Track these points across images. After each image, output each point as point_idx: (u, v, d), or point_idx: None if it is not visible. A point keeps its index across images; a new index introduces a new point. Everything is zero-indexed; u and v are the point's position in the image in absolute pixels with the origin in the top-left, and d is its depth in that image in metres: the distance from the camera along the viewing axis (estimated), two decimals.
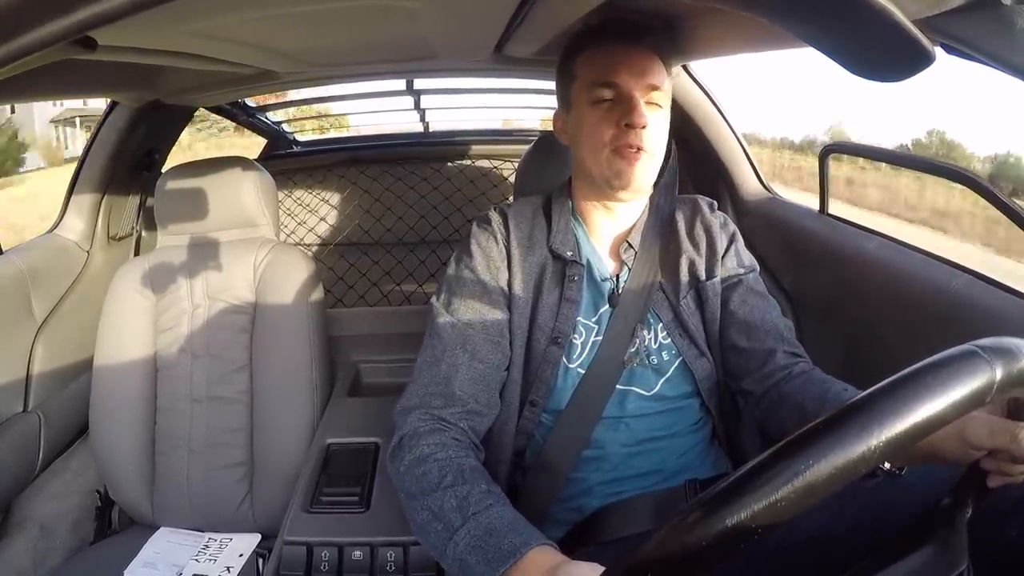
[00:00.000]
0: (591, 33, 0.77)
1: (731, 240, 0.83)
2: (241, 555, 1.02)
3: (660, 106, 0.76)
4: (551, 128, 0.88)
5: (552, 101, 1.75)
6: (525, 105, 2.02)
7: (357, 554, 0.75)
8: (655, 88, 0.74)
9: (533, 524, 0.58)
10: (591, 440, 0.77)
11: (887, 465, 0.47)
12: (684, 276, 0.80)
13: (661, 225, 0.82)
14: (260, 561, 1.01)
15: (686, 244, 0.82)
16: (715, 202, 0.88)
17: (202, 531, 1.08)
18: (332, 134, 2.47)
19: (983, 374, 0.32)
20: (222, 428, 1.09)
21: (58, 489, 1.12)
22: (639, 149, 0.73)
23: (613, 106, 0.74)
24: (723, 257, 0.81)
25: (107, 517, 1.16)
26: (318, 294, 1.15)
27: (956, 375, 0.32)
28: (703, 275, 0.81)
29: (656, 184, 0.80)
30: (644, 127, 0.72)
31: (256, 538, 1.06)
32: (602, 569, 0.44)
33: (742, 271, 0.82)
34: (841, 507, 0.62)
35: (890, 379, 0.32)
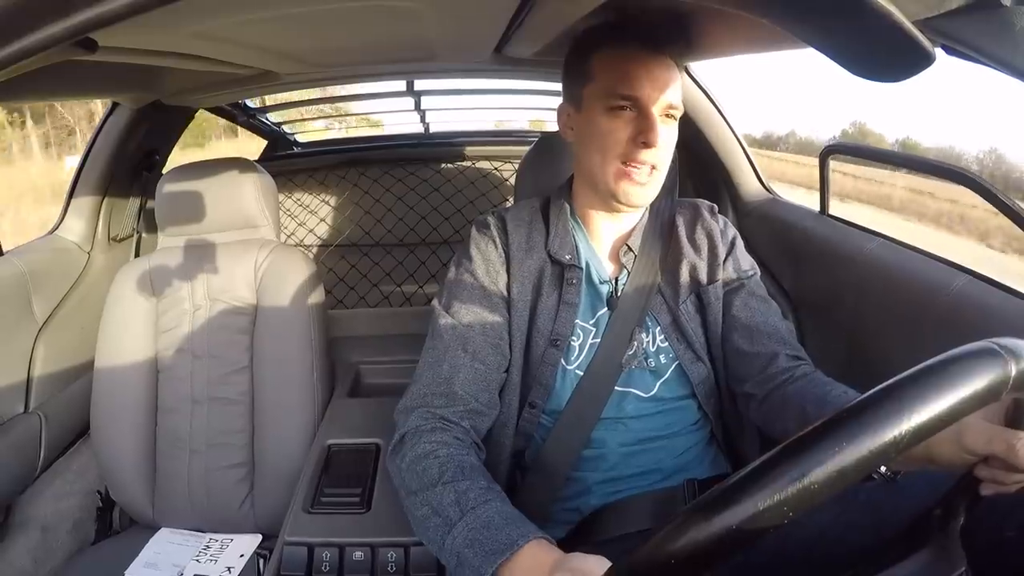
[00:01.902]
0: (609, 31, 0.75)
1: (732, 244, 0.83)
2: (242, 555, 1.02)
3: (675, 119, 0.75)
4: (542, 128, 0.88)
5: (551, 102, 1.77)
6: (525, 106, 2.02)
7: (358, 555, 0.75)
8: (674, 106, 0.73)
9: (535, 525, 0.58)
10: (590, 440, 0.77)
11: (883, 469, 0.47)
12: (684, 280, 0.80)
13: (661, 228, 0.82)
14: (261, 561, 1.01)
15: (687, 249, 0.82)
16: (715, 206, 0.88)
17: (203, 531, 1.08)
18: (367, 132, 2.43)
19: (1000, 369, 0.33)
20: (223, 429, 1.09)
21: (59, 490, 1.12)
22: (651, 168, 0.73)
23: (630, 119, 0.72)
24: (724, 261, 0.81)
25: (108, 518, 1.17)
26: (319, 295, 1.15)
27: (975, 369, 0.33)
28: (704, 280, 0.81)
29: None
30: (658, 146, 0.71)
31: (257, 538, 1.06)
32: (608, 563, 0.44)
33: (743, 275, 0.82)
34: (842, 507, 0.62)
35: (915, 368, 0.33)
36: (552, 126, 2.26)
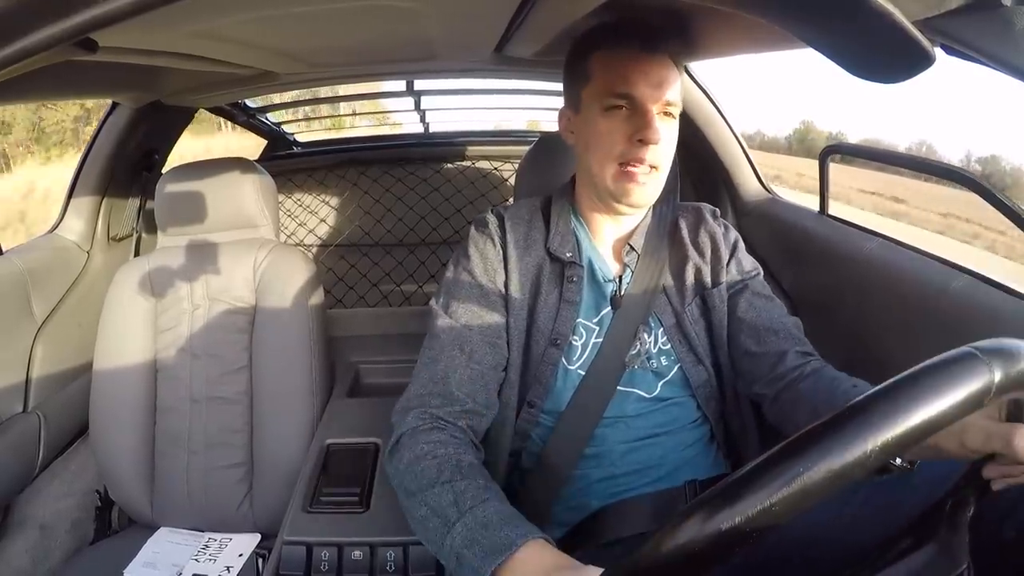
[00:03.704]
0: (606, 32, 0.74)
1: (734, 247, 0.83)
2: (241, 555, 1.02)
3: (674, 116, 0.75)
4: (539, 129, 0.87)
5: (551, 102, 1.77)
6: (526, 106, 2.02)
7: (357, 554, 0.75)
8: (671, 103, 0.73)
9: (533, 525, 0.58)
10: (591, 437, 0.77)
11: (899, 461, 0.47)
12: (689, 283, 0.80)
13: (664, 229, 0.82)
14: (260, 561, 1.01)
15: (691, 251, 0.82)
16: (717, 210, 0.88)
17: (202, 531, 1.08)
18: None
19: (981, 376, 0.32)
20: (222, 428, 1.09)
21: (58, 489, 1.12)
22: (650, 167, 0.72)
23: (627, 117, 0.72)
24: (727, 264, 0.81)
25: (107, 517, 1.16)
26: (318, 295, 1.15)
27: (954, 378, 0.32)
28: (709, 283, 0.81)
29: None
30: (657, 144, 0.71)
31: (256, 538, 1.06)
32: (600, 570, 0.44)
33: (746, 276, 0.82)
34: (842, 505, 0.62)
35: (888, 382, 0.32)
36: (548, 126, 2.27)
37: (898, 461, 0.46)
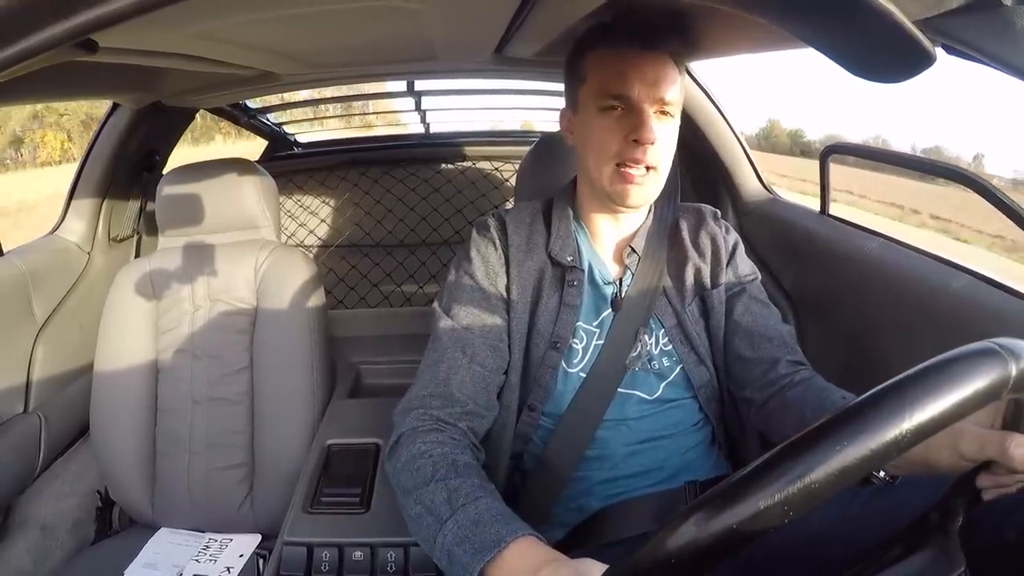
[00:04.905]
0: (603, 31, 0.74)
1: (733, 249, 0.83)
2: (241, 555, 1.02)
3: (672, 115, 0.74)
4: (533, 129, 0.87)
5: (552, 102, 1.77)
6: (526, 106, 2.02)
7: (357, 555, 0.75)
8: (668, 103, 0.72)
9: (534, 526, 0.58)
10: (593, 439, 0.77)
11: (882, 473, 0.47)
12: (689, 284, 0.80)
13: (664, 231, 0.82)
14: (260, 562, 1.01)
15: (692, 252, 0.81)
16: (718, 211, 0.87)
17: (202, 531, 1.08)
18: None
19: (1001, 369, 0.33)
20: (223, 429, 1.09)
21: (59, 490, 1.12)
22: (646, 168, 0.72)
23: (623, 115, 0.72)
24: (727, 266, 0.81)
25: (107, 518, 1.17)
26: (319, 296, 1.15)
27: (977, 367, 0.33)
28: (708, 284, 0.81)
29: None
30: (653, 143, 0.70)
31: (256, 539, 1.06)
32: (603, 567, 0.44)
33: (744, 279, 0.82)
34: (846, 505, 0.62)
35: (916, 368, 0.33)
36: (542, 126, 2.27)
37: (881, 474, 0.46)
